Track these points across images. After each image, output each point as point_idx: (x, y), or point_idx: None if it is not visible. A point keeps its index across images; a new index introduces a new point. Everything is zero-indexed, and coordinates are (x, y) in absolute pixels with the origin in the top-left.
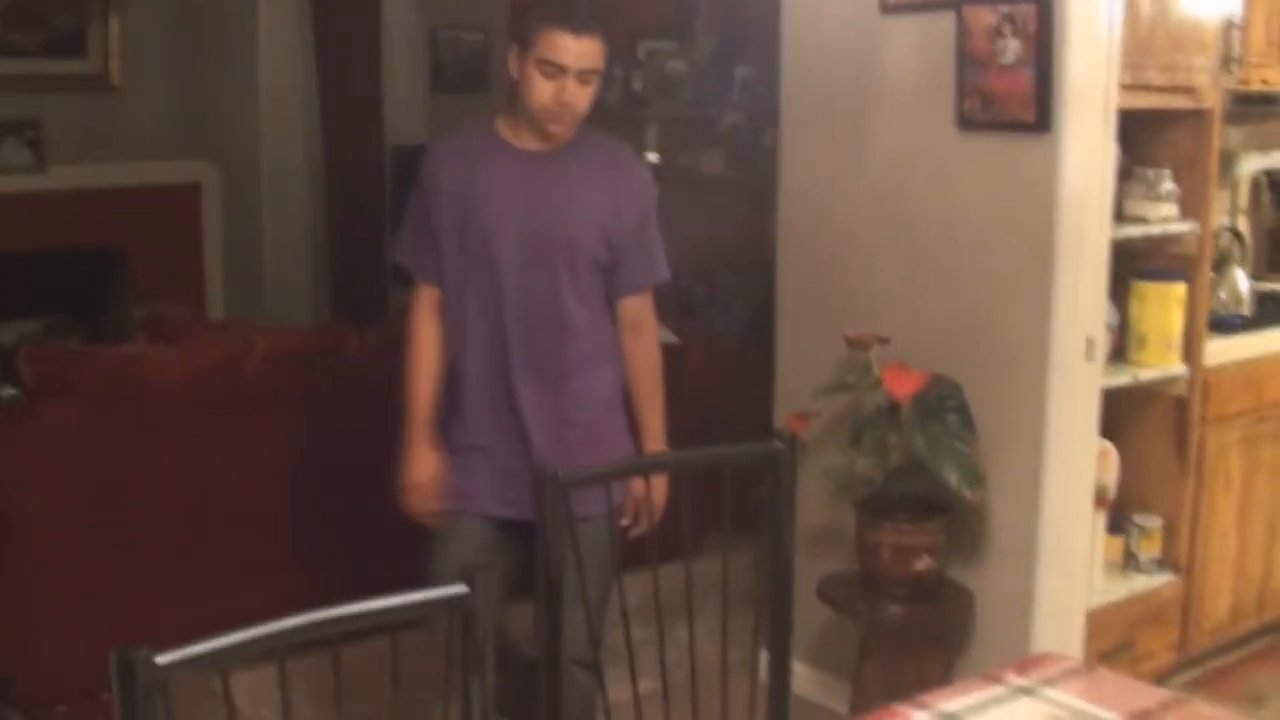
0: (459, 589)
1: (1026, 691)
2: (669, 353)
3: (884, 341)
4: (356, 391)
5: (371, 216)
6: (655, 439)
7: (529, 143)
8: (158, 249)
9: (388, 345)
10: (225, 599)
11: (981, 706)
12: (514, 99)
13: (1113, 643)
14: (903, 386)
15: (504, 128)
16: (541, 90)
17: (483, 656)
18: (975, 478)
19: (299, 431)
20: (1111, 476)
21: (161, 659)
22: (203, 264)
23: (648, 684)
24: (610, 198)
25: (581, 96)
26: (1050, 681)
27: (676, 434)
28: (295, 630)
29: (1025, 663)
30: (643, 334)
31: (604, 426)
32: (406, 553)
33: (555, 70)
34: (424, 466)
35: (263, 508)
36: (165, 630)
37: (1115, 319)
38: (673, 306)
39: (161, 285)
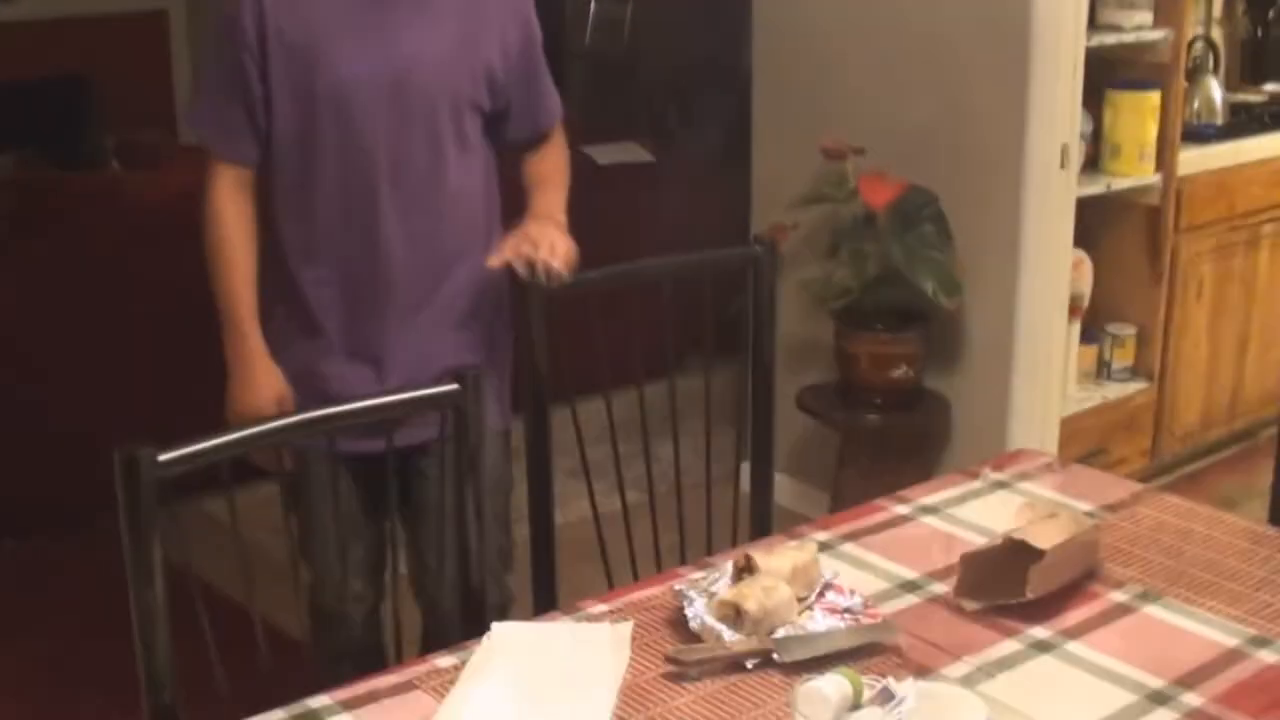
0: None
1: (1003, 485)
2: (641, 172)
3: (860, 152)
4: None
5: None
6: (553, 198)
7: None
8: (126, 78)
9: None
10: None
11: (960, 499)
12: None
13: (1086, 449)
14: (879, 196)
15: None
16: None
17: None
18: (952, 286)
19: None
20: (1085, 286)
21: (164, 456)
22: (172, 92)
23: (634, 496)
24: (487, 26)
25: None
26: (1026, 476)
27: (653, 254)
28: (303, 424)
29: (1002, 459)
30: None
31: (495, 331)
32: None
33: None
34: (267, 383)
35: None
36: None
37: (1089, 128)
38: (645, 126)
39: (131, 114)
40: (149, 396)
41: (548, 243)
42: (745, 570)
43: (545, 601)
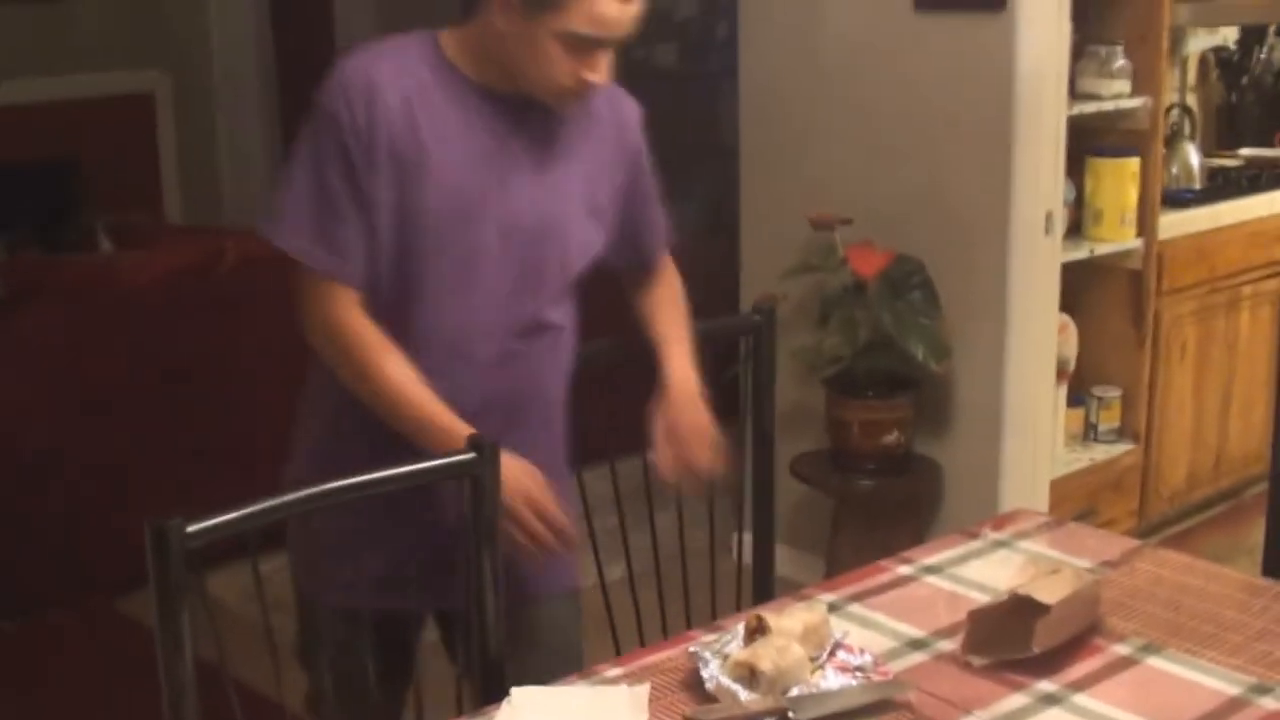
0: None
1: (1003, 544)
2: None
3: (847, 222)
4: None
5: None
6: (680, 353)
7: (498, 81)
8: (113, 160)
9: None
10: (210, 495)
11: (962, 559)
12: (476, 23)
13: (1076, 510)
14: (868, 265)
15: (457, 52)
16: (560, 67)
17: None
18: (941, 351)
19: (274, 332)
20: (1071, 349)
21: (193, 527)
22: (159, 174)
23: (638, 564)
24: (608, 155)
25: (612, 66)
26: (1024, 534)
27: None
28: (321, 495)
29: (1000, 519)
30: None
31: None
32: None
33: (588, 45)
34: (510, 463)
35: (242, 406)
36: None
37: (1072, 195)
38: None
39: (118, 197)
40: (149, 476)
41: (698, 440)
42: (758, 631)
43: None
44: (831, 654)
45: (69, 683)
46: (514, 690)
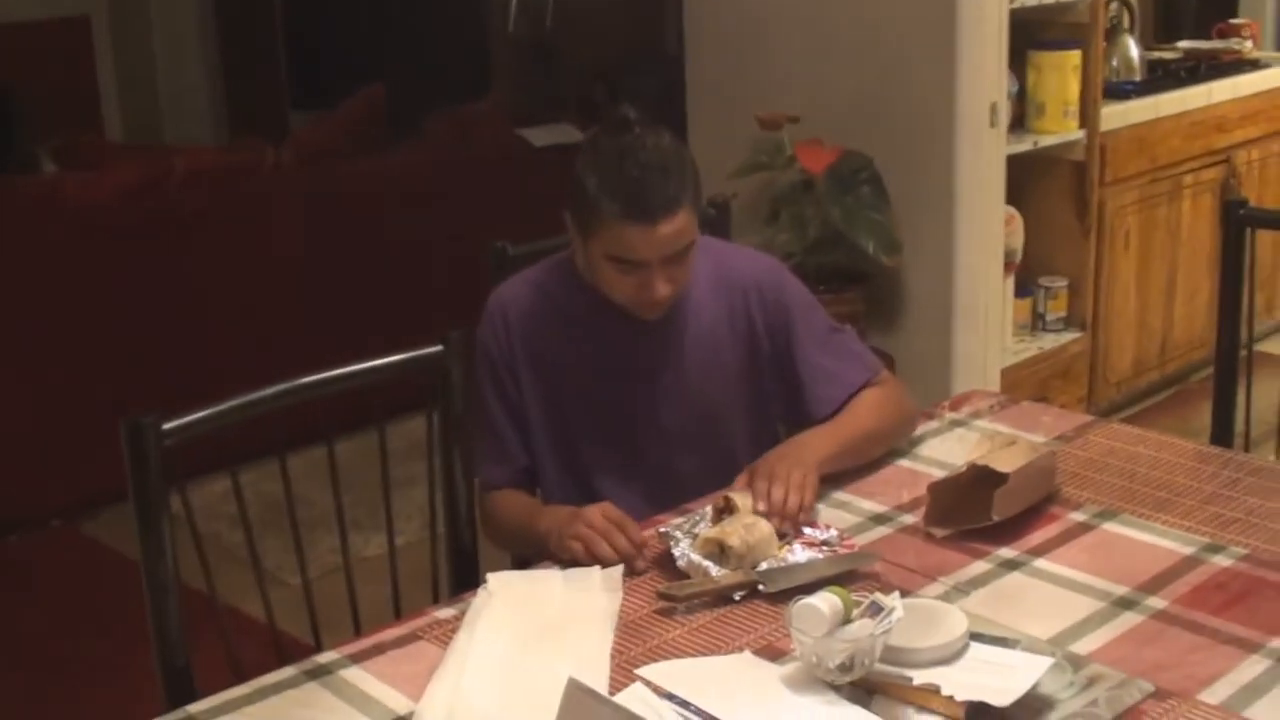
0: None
1: (960, 423)
2: (576, 152)
3: (795, 120)
4: (277, 206)
5: (264, 31)
6: (817, 439)
7: None
8: (51, 84)
9: (301, 160)
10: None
11: (920, 438)
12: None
13: (1025, 398)
14: (816, 162)
15: (589, 272)
16: (617, 285)
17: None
18: (891, 245)
19: (224, 248)
20: (1017, 241)
21: (168, 424)
22: (98, 96)
23: None
24: (726, 343)
25: (678, 277)
26: (980, 413)
27: None
28: (291, 390)
29: (956, 400)
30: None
31: None
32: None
33: (631, 266)
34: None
35: (195, 321)
36: (108, 452)
37: (1015, 88)
38: (574, 105)
39: (58, 120)
40: (103, 396)
41: (784, 476)
42: (725, 511)
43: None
44: (798, 532)
45: (34, 606)
46: (490, 576)
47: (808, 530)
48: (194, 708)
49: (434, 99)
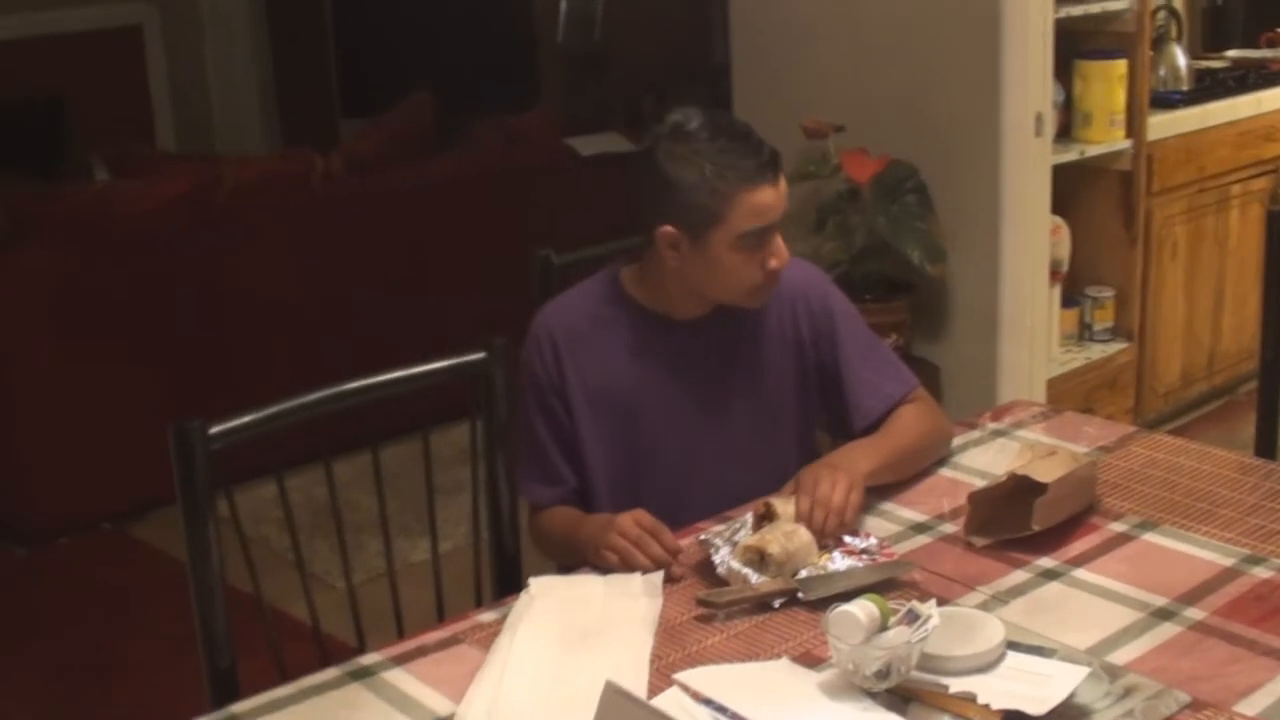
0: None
1: (1001, 433)
2: (624, 162)
3: (840, 129)
4: (326, 215)
5: (315, 41)
6: (860, 453)
7: (673, 309)
8: (103, 94)
9: (350, 169)
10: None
11: (962, 448)
12: (649, 261)
13: (1071, 409)
14: (862, 171)
15: (634, 285)
16: (744, 270)
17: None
18: (936, 254)
19: (273, 257)
20: (1064, 251)
21: (215, 428)
22: (150, 106)
23: None
24: (779, 350)
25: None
26: (1022, 424)
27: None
28: (336, 396)
29: (998, 410)
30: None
31: None
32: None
33: (759, 239)
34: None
35: (242, 330)
36: (157, 457)
37: (1061, 98)
38: (622, 116)
39: (110, 130)
40: (152, 404)
41: (833, 510)
42: (766, 518)
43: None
44: (839, 541)
45: (80, 606)
46: (532, 580)
47: (848, 539)
48: (238, 707)
49: (482, 108)
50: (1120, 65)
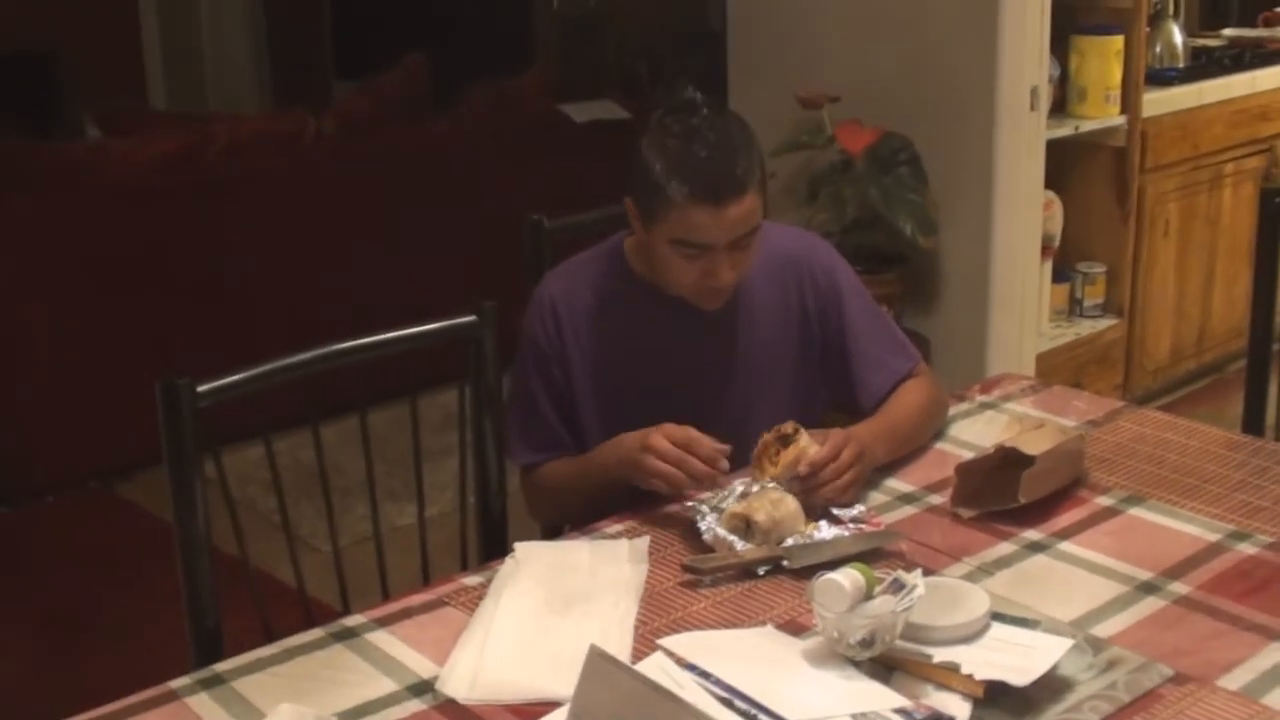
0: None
1: (990, 405)
2: (617, 128)
3: (835, 100)
4: (317, 176)
5: (310, 1)
6: (880, 442)
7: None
8: (96, 51)
9: (343, 130)
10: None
11: (950, 421)
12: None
13: (1060, 384)
14: (855, 142)
15: (634, 256)
16: (682, 272)
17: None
18: (929, 226)
19: (264, 217)
20: (1056, 226)
21: (203, 386)
22: (142, 62)
23: None
24: (779, 329)
25: (742, 264)
26: (1010, 397)
27: None
28: (324, 356)
29: (987, 383)
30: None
31: None
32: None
33: (697, 251)
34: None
35: (234, 288)
36: (145, 416)
37: (1056, 72)
38: (617, 83)
39: (102, 85)
40: (142, 362)
41: (844, 478)
42: (786, 438)
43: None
44: (825, 510)
45: (66, 563)
46: (518, 545)
47: (835, 509)
48: (221, 666)
49: (476, 71)
50: (1117, 41)
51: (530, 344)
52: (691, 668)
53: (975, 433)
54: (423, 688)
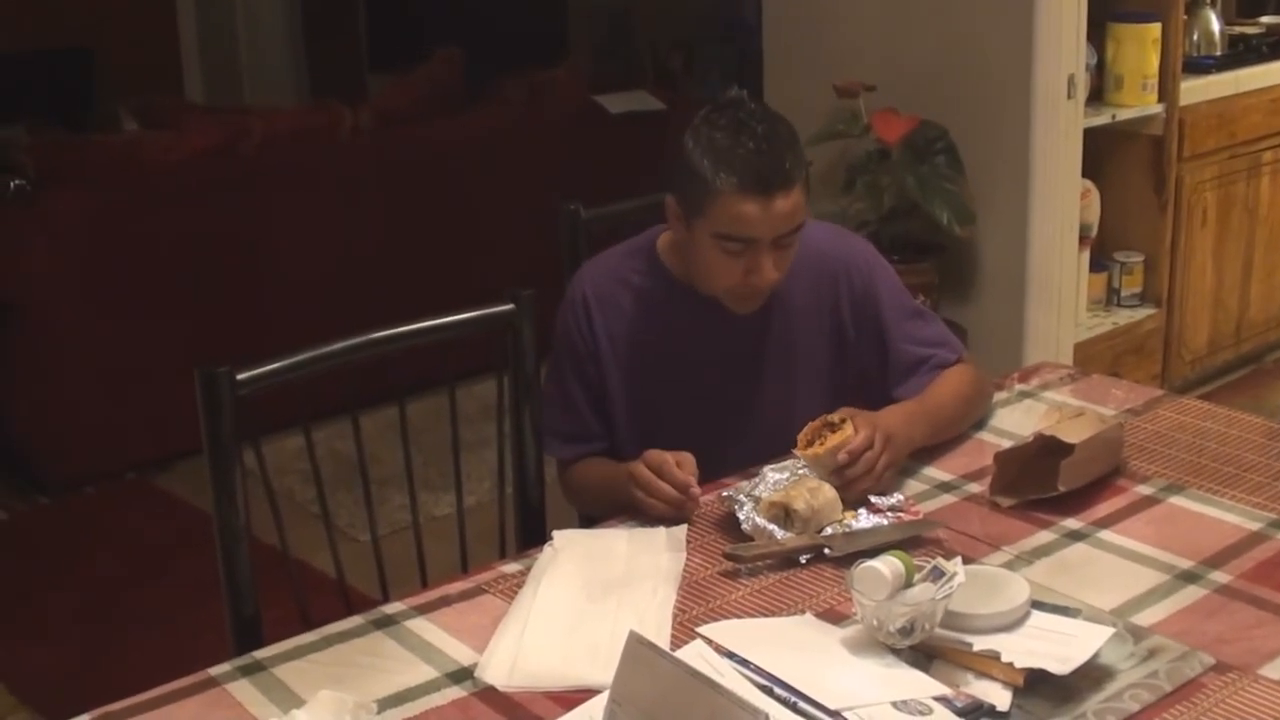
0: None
1: (1028, 395)
2: (653, 119)
3: (871, 89)
4: (353, 169)
5: None
6: (916, 432)
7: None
8: (133, 45)
9: (379, 122)
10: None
11: (989, 410)
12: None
13: (1098, 374)
14: (892, 131)
15: (668, 253)
16: (724, 270)
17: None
18: (965, 215)
19: (300, 210)
20: (1093, 215)
21: (243, 375)
22: (179, 56)
23: None
24: (814, 332)
25: (783, 263)
26: (1049, 385)
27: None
28: (363, 345)
29: (1025, 372)
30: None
31: None
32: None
33: (741, 246)
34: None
35: (271, 282)
36: (183, 407)
37: (1093, 60)
38: (651, 74)
39: (139, 80)
40: (180, 354)
41: (872, 468)
42: (827, 428)
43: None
44: (864, 499)
45: (105, 553)
46: (556, 533)
47: (873, 497)
48: (261, 653)
49: (510, 63)
50: (1154, 28)
51: (564, 340)
52: (730, 655)
53: (1014, 421)
54: (462, 674)
